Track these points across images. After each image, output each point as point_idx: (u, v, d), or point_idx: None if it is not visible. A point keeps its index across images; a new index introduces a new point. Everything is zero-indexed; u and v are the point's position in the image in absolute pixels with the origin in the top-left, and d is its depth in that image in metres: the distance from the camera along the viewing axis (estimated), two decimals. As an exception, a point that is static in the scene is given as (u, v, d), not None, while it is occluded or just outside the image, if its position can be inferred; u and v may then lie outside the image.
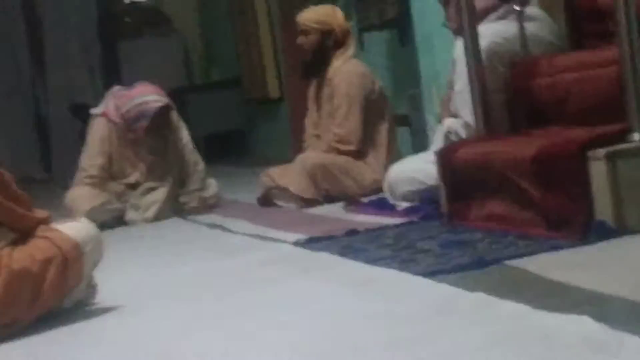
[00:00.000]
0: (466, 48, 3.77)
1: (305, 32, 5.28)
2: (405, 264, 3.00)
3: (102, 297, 3.14)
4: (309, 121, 5.49)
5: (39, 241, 2.95)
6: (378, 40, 6.33)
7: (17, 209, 2.95)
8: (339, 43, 5.26)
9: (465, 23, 3.78)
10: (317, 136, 5.37)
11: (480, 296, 2.42)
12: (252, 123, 9.66)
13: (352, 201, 4.74)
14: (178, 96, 9.08)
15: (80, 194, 5.42)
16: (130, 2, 10.95)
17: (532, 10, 4.00)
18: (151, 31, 10.35)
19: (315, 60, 5.28)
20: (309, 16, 5.32)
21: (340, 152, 5.10)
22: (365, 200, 4.70)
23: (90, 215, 4.57)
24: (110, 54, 10.20)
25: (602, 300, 2.21)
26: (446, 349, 2.03)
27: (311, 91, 5.49)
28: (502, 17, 3.97)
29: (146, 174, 5.55)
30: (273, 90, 8.63)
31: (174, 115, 5.68)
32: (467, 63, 3.77)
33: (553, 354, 1.87)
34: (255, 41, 8.81)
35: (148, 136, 5.48)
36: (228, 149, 9.48)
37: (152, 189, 5.52)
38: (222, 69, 10.43)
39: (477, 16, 3.84)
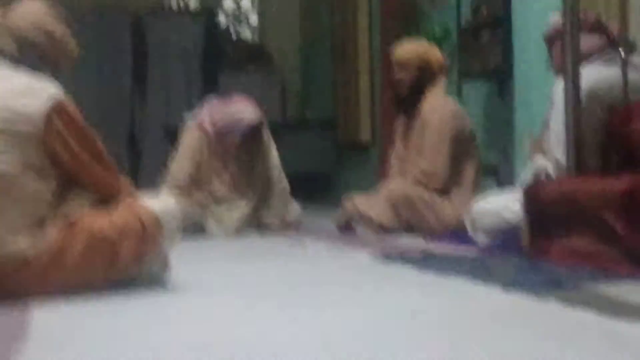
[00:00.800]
0: (566, 87, 3.75)
1: (404, 67, 5.30)
2: (479, 279, 2.97)
3: (175, 278, 3.17)
4: (395, 155, 5.49)
5: (121, 209, 2.99)
6: (477, 89, 6.32)
7: (104, 176, 3.00)
8: (433, 79, 5.27)
9: (568, 63, 3.76)
10: (402, 171, 5.36)
11: (552, 306, 2.39)
12: (340, 167, 9.68)
13: (431, 234, 4.71)
14: (272, 131, 9.20)
15: None
16: (236, 38, 11.17)
17: (637, 58, 3.97)
18: (252, 66, 10.52)
19: (411, 95, 5.29)
20: (408, 50, 5.35)
21: (425, 187, 5.08)
22: (445, 234, 4.68)
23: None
24: (211, 85, 10.35)
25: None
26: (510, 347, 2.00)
27: (400, 125, 5.50)
28: (606, 62, 3.93)
29: (231, 186, 5.60)
30: (365, 135, 8.66)
31: (266, 133, 5.74)
32: (566, 102, 3.74)
33: (620, 354, 1.84)
34: (353, 85, 8.88)
35: (237, 150, 5.55)
36: (313, 190, 9.50)
37: (236, 205, 5.56)
38: (317, 109, 10.51)
39: (582, 57, 3.82)
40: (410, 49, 5.37)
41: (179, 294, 2.96)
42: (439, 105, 5.20)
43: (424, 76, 5.27)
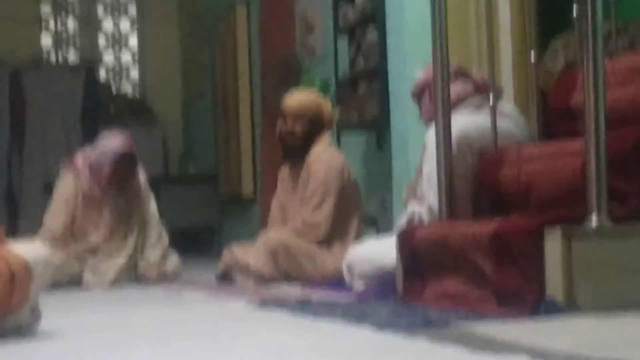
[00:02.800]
0: (437, 134, 3.83)
1: (297, 118, 5.30)
2: (353, 321, 2.99)
3: (45, 327, 3.10)
4: (276, 204, 5.50)
5: (-11, 255, 2.92)
6: (355, 140, 6.40)
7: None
8: (322, 130, 5.31)
9: (439, 110, 3.84)
10: (283, 221, 5.37)
11: (422, 344, 2.42)
12: (223, 220, 9.67)
13: (309, 282, 4.73)
14: (154, 186, 9.13)
15: None
16: (116, 93, 11.10)
17: (505, 106, 4.09)
18: (134, 121, 10.45)
19: (302, 146, 5.31)
20: (300, 101, 5.36)
21: (306, 239, 5.09)
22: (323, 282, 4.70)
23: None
24: (90, 139, 10.23)
25: (542, 351, 2.21)
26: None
27: (284, 172, 5.52)
28: (476, 108, 4.04)
29: (107, 236, 5.54)
30: (247, 189, 8.68)
31: (142, 177, 5.71)
32: (437, 149, 3.82)
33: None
34: (235, 140, 8.90)
35: (112, 191, 5.51)
36: (197, 244, 9.46)
37: (112, 255, 5.50)
38: (199, 164, 10.50)
39: (452, 105, 3.91)
40: (302, 99, 5.39)
41: (47, 342, 2.90)
42: (325, 157, 5.23)
43: (314, 127, 5.30)
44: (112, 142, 5.56)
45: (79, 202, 5.54)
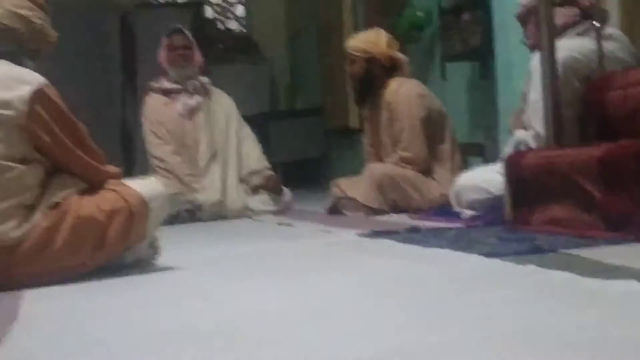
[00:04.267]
0: (543, 60, 3.80)
1: (352, 61, 5.36)
2: (462, 249, 3.03)
3: (163, 261, 3.22)
4: (366, 141, 5.58)
5: (107, 193, 3.04)
6: (460, 70, 6.37)
7: (89, 160, 3.05)
8: (389, 67, 5.31)
9: (544, 36, 3.82)
10: (378, 159, 5.41)
11: (531, 268, 2.45)
12: (331, 152, 9.76)
13: (417, 211, 4.78)
14: (261, 121, 9.29)
15: None
16: (224, 29, 11.22)
17: (611, 29, 4.03)
18: (241, 58, 10.57)
19: (364, 87, 5.34)
20: (353, 44, 5.39)
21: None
22: (430, 210, 4.75)
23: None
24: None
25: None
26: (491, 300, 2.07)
27: (366, 114, 5.57)
28: (581, 34, 3.99)
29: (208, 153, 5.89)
30: (353, 121, 8.72)
31: (231, 102, 6.19)
32: (543, 75, 3.80)
33: (598, 307, 1.89)
34: (339, 73, 8.91)
35: (180, 65, 6.13)
36: (305, 176, 9.58)
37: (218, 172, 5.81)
38: (306, 98, 10.58)
39: (556, 31, 3.88)
40: (356, 42, 5.42)
41: (167, 273, 3.02)
42: (403, 92, 5.24)
43: (373, 68, 5.31)
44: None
45: (167, 118, 5.80)
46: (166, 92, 5.99)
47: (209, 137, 5.86)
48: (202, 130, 5.88)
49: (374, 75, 5.30)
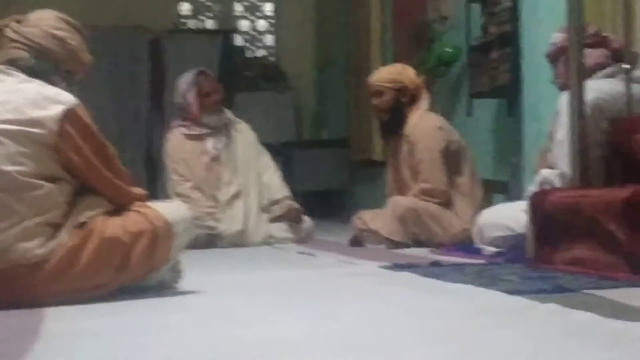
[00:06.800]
0: (571, 100, 3.81)
1: (379, 93, 5.38)
2: (484, 285, 3.03)
3: (186, 284, 3.23)
4: (390, 176, 5.59)
5: (133, 214, 3.06)
6: (486, 107, 6.39)
7: (116, 181, 3.07)
8: (413, 99, 5.33)
9: (573, 76, 3.83)
10: (400, 193, 5.41)
11: (552, 306, 2.45)
12: (353, 184, 9.77)
13: (439, 245, 4.79)
14: (286, 150, 9.32)
15: None
16: (252, 57, 11.29)
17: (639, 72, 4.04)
18: (268, 86, 10.63)
19: (392, 119, 5.37)
20: (381, 77, 5.43)
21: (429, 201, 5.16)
22: (452, 245, 4.75)
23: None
24: (227, 104, 10.42)
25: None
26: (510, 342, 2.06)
27: (390, 149, 5.60)
28: (610, 76, 4.00)
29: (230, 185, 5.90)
30: (377, 154, 8.73)
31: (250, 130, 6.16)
32: (571, 115, 3.81)
33: (621, 350, 1.89)
34: (365, 106, 8.94)
35: (208, 111, 6.02)
36: (327, 207, 9.59)
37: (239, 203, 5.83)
38: (331, 129, 10.61)
39: (586, 72, 3.89)
40: (384, 74, 5.47)
41: (192, 298, 3.03)
42: (422, 125, 5.27)
43: (401, 98, 5.34)
44: (181, 78, 5.90)
45: (190, 156, 5.81)
46: (195, 138, 5.96)
47: (231, 174, 5.87)
48: (224, 167, 5.89)
49: (401, 106, 5.32)
